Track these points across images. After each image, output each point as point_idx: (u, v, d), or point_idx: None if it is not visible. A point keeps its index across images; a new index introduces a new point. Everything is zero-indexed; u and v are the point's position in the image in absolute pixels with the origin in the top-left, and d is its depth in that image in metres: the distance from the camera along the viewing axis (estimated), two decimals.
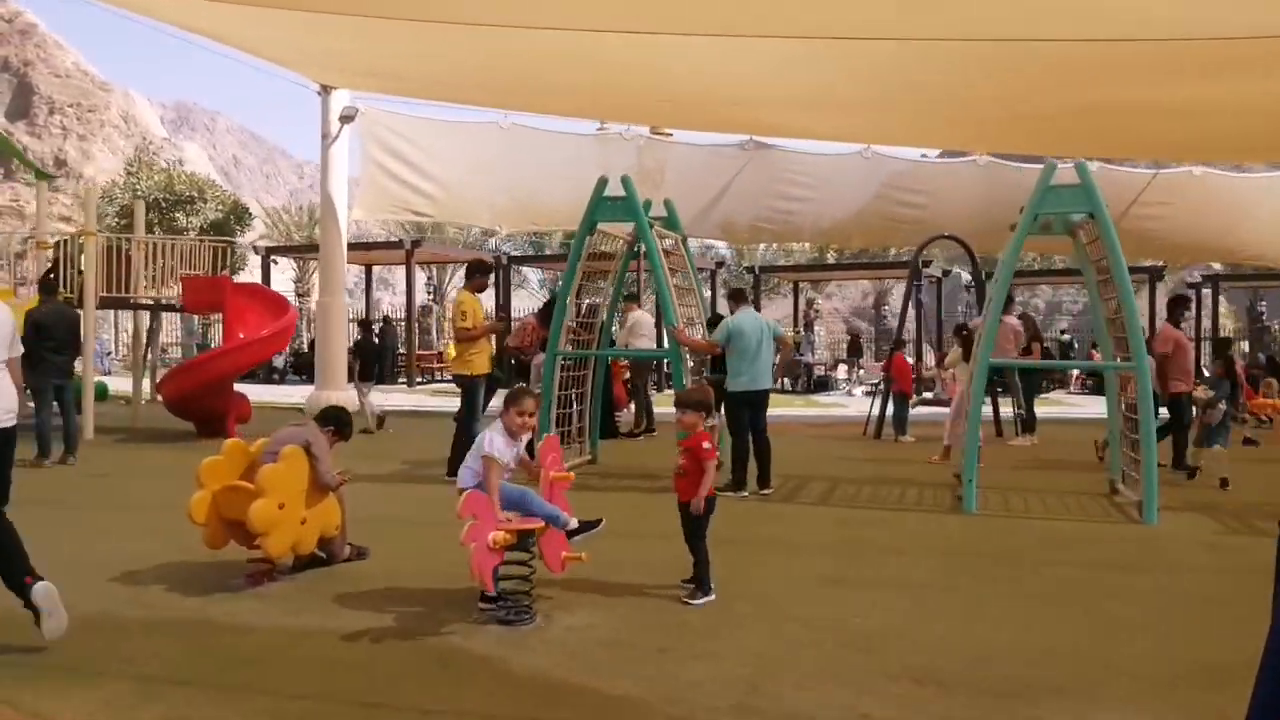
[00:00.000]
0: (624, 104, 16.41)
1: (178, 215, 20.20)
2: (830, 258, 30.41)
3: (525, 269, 28.09)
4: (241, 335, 11.70)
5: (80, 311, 10.02)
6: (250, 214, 23.39)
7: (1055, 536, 6.89)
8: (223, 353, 11.57)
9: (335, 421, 5.70)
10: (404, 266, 22.83)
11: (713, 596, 4.94)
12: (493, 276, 26.63)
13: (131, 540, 6.39)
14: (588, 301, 10.15)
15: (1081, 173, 7.51)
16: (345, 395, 15.95)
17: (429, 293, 27.54)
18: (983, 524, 7.29)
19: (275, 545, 5.16)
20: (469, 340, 8.58)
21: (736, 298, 8.72)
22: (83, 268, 11.29)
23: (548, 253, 27.83)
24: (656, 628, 4.58)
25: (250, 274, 22.40)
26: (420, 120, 17.20)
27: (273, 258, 21.59)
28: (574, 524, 4.88)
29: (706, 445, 4.98)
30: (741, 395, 8.16)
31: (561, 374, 9.28)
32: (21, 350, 4.89)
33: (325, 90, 16.30)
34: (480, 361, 8.64)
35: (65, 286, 11.45)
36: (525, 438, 4.95)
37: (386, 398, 18.89)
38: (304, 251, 22.79)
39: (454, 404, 17.92)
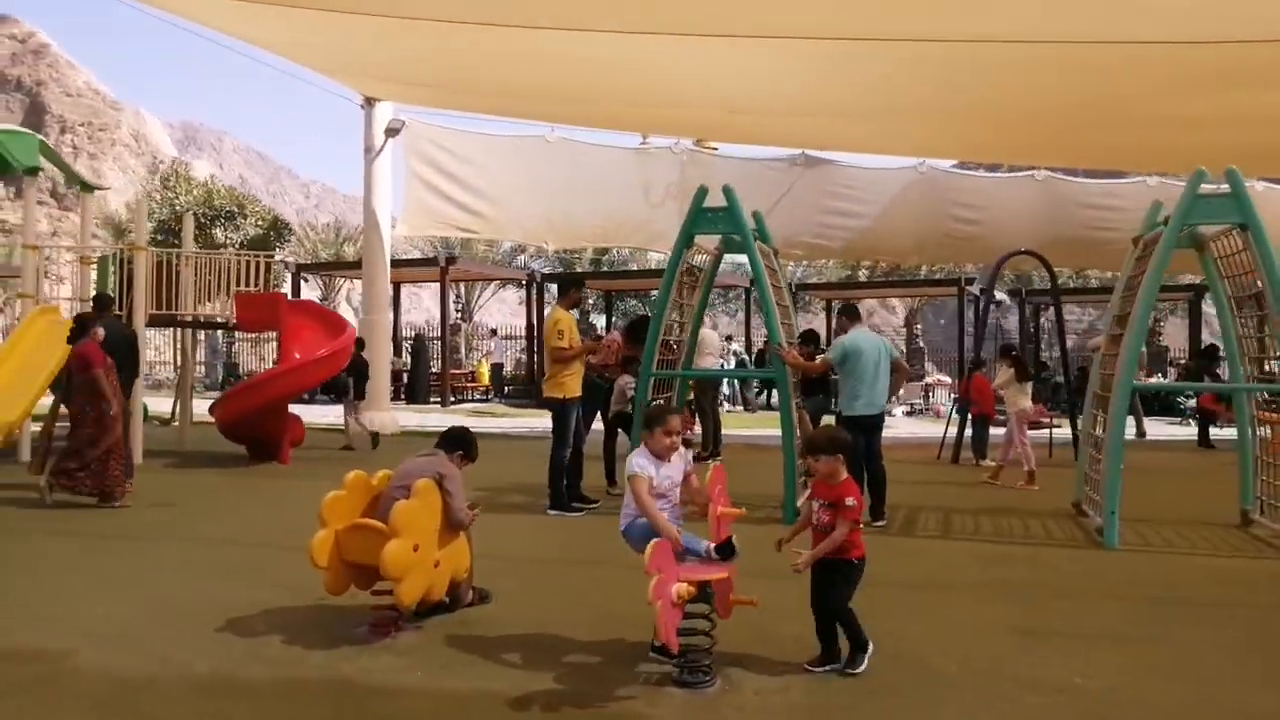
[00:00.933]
0: (669, 116, 16.01)
1: (216, 230, 19.69)
2: (861, 275, 29.88)
3: (554, 287, 27.60)
4: (297, 355, 11.18)
5: (135, 331, 9.50)
6: (290, 230, 22.82)
7: (1216, 574, 6.35)
8: (280, 374, 11.04)
9: (462, 444, 5.16)
10: (433, 284, 22.33)
11: (871, 649, 4.28)
12: (524, 294, 26.33)
13: (224, 581, 5.85)
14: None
15: (1233, 180, 6.98)
16: (388, 416, 15.48)
17: (457, 311, 27.01)
18: (1132, 560, 6.74)
19: (409, 592, 4.61)
20: (564, 361, 8.05)
21: (850, 315, 8.17)
22: (106, 283, 10.84)
23: (578, 270, 27.41)
24: (860, 690, 4.03)
25: (280, 291, 21.86)
26: (465, 134, 16.78)
27: (303, 275, 21.11)
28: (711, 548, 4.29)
29: (851, 501, 4.18)
30: (858, 420, 7.61)
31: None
32: None
33: (369, 103, 15.89)
34: (574, 384, 8.11)
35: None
36: (678, 462, 4.41)
37: (424, 418, 18.41)
38: (336, 268, 22.29)
39: (495, 424, 17.57)
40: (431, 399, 22.29)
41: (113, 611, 5.15)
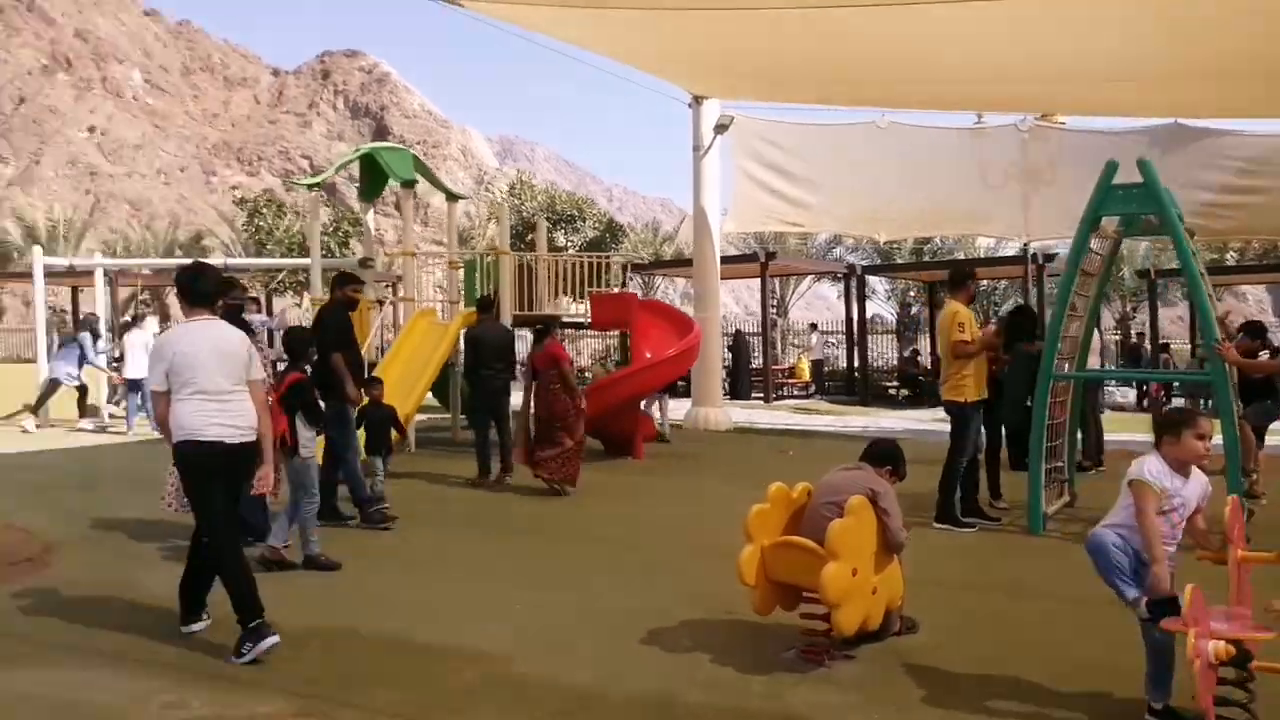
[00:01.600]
0: (1008, 92, 14.72)
1: (557, 234, 20.75)
2: (1230, 258, 26.30)
3: (875, 281, 26.65)
4: (648, 354, 11.30)
5: (514, 331, 9.94)
6: (625, 232, 23.75)
7: None
8: (633, 373, 11.19)
9: (892, 459, 4.71)
10: (738, 280, 22.18)
11: None
12: (841, 288, 25.61)
13: (632, 587, 5.78)
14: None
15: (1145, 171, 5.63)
16: (720, 413, 15.42)
17: (772, 307, 26.76)
18: None
19: (848, 619, 4.23)
20: (965, 357, 7.37)
21: None
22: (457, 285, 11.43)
23: (897, 260, 26.30)
24: None
25: (632, 291, 22.49)
26: (793, 126, 16.37)
27: (630, 274, 21.73)
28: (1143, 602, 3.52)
29: None
30: None
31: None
32: (262, 375, 4.78)
33: (697, 101, 15.88)
34: (974, 385, 7.41)
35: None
36: (1195, 483, 3.66)
37: (750, 414, 18.25)
38: (668, 267, 22.73)
39: (822, 422, 17.02)
40: (753, 395, 22.15)
41: (533, 613, 5.19)
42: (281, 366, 6.83)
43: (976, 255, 26.70)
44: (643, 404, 11.63)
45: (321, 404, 6.01)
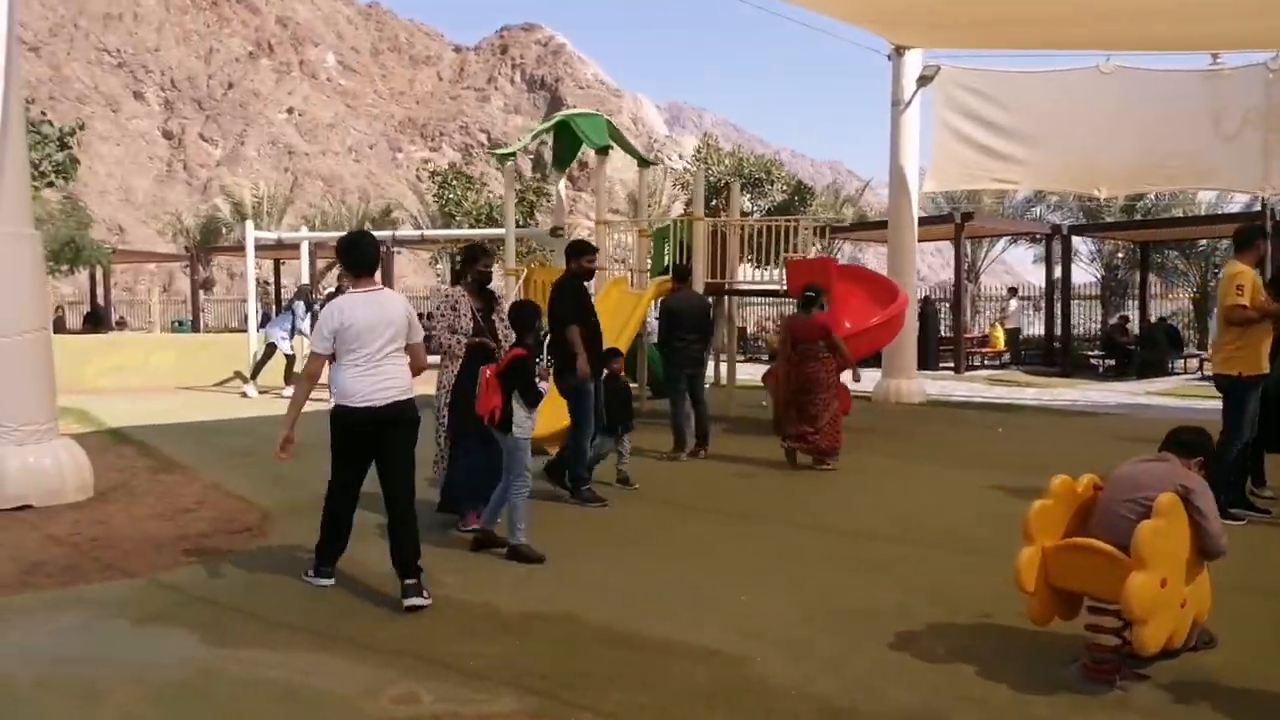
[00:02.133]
0: (1248, 29, 13.03)
1: (744, 198, 20.16)
2: None
3: (1077, 240, 24.59)
4: (848, 324, 10.61)
5: (710, 299, 9.50)
6: (813, 194, 22.86)
7: None
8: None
9: (1204, 450, 3.98)
10: (951, 241, 20.91)
11: None
12: (1043, 251, 23.83)
13: (867, 579, 5.26)
14: None
15: None
16: (915, 384, 14.54)
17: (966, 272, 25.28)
18: None
19: (1154, 637, 3.59)
20: (1241, 324, 6.41)
21: None
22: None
23: (1107, 219, 24.20)
24: None
25: (831, 256, 21.59)
26: (1002, 74, 15.13)
27: (814, 239, 20.72)
28: None
29: None
30: None
31: None
32: (422, 335, 5.04)
33: (898, 52, 14.89)
34: (1252, 358, 6.44)
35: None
36: None
37: (942, 385, 17.24)
38: (860, 230, 21.69)
39: (1016, 396, 15.81)
40: (940, 365, 20.98)
41: (758, 606, 4.76)
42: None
43: (1196, 213, 24.31)
44: None
45: (545, 384, 5.74)
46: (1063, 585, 3.88)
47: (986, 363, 22.17)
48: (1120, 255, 25.09)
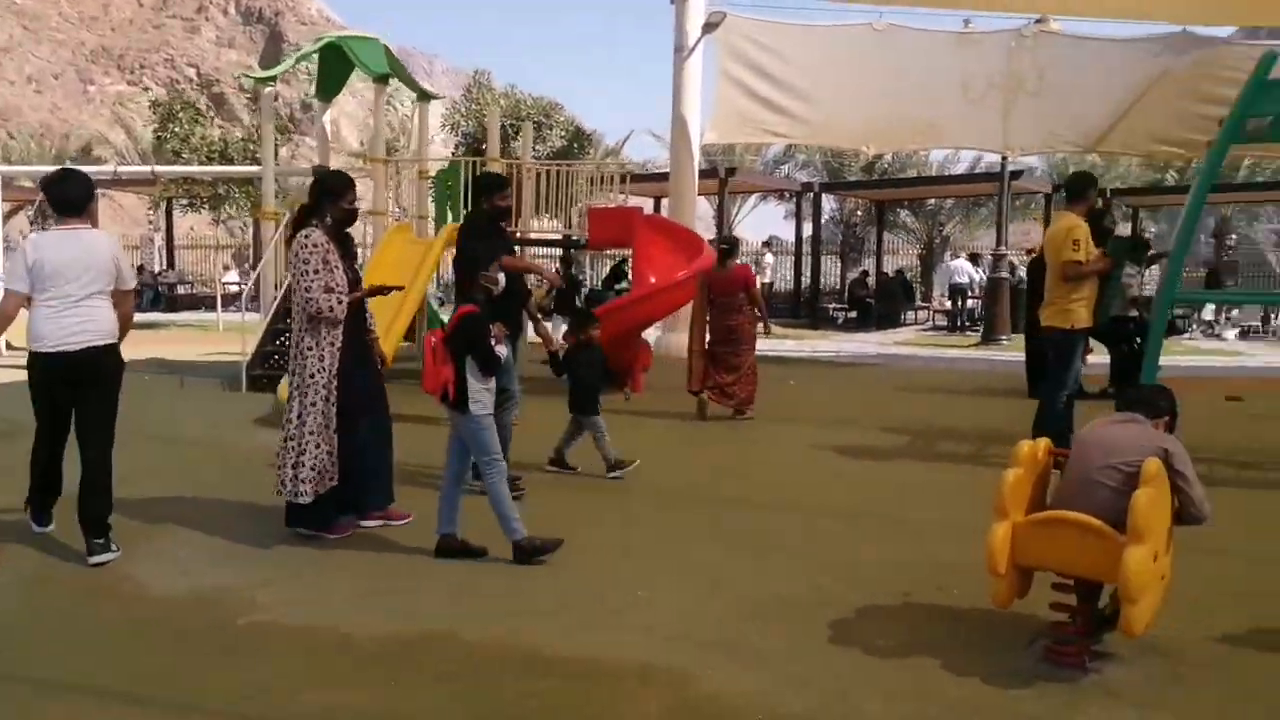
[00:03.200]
0: None
1: (518, 142, 18.91)
2: (1170, 178, 26.11)
3: (830, 200, 25.60)
4: (653, 279, 10.07)
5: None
6: (592, 140, 21.93)
7: None
8: (635, 300, 9.95)
9: (1172, 409, 3.70)
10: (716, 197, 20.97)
11: None
12: (793, 207, 24.55)
13: (766, 561, 4.69)
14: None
15: None
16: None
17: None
18: None
19: (1142, 617, 3.25)
20: (1077, 279, 6.40)
21: None
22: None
23: (849, 179, 25.29)
24: None
25: (635, 206, 20.50)
26: (782, 26, 15.04)
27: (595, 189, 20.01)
28: None
29: None
30: None
31: None
32: (134, 284, 4.90)
33: None
34: (1084, 311, 6.47)
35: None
36: None
37: None
38: (645, 181, 21.06)
39: (777, 348, 16.11)
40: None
41: (667, 604, 4.08)
42: None
43: (929, 173, 25.99)
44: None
45: (502, 348, 4.62)
46: (1034, 563, 3.48)
47: None
48: (859, 213, 26.40)
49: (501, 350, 4.57)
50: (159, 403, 9.21)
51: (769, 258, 23.69)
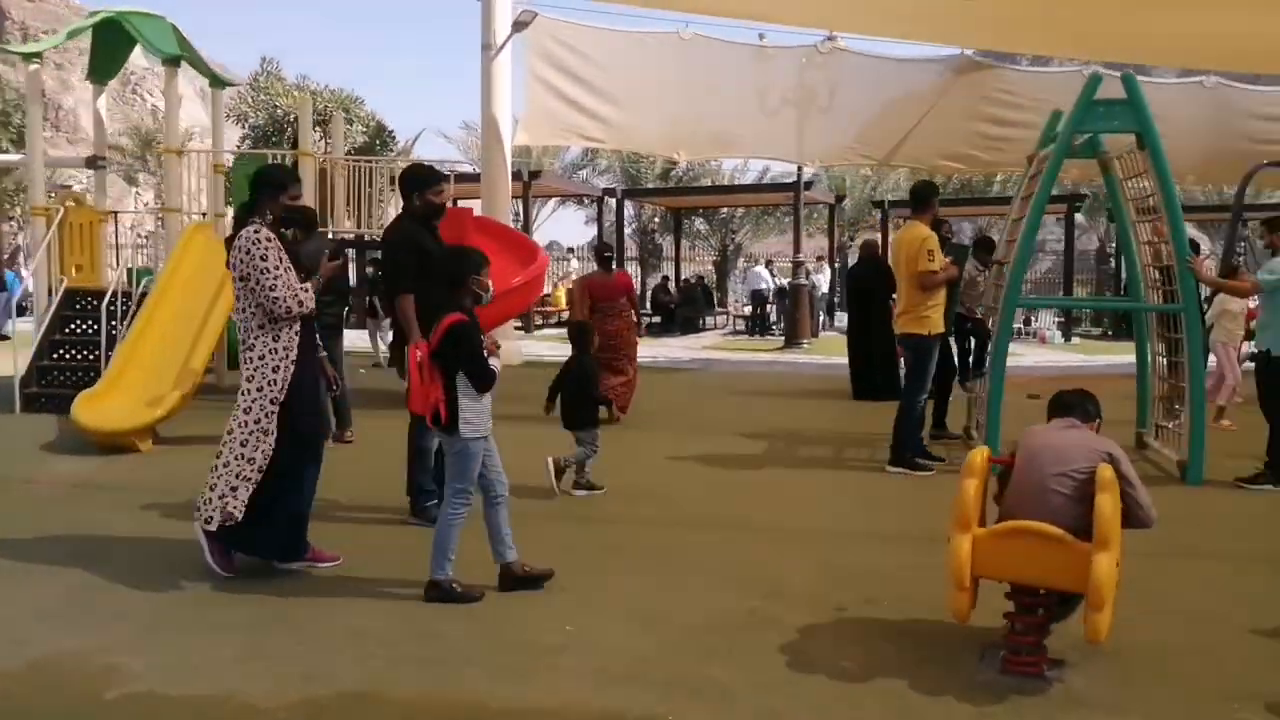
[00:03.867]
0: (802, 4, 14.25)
1: (315, 135, 17.48)
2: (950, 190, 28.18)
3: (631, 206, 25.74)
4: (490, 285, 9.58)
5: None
6: (394, 137, 20.60)
7: None
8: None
9: (1099, 412, 3.78)
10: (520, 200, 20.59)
11: None
12: (595, 212, 24.52)
13: (681, 582, 4.44)
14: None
15: (1129, 86, 6.56)
16: (512, 346, 13.97)
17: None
18: None
19: (1106, 621, 3.28)
20: (932, 288, 6.60)
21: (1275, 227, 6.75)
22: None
23: (648, 185, 25.57)
24: None
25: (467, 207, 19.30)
26: (590, 30, 14.91)
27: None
28: None
29: None
30: None
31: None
32: None
33: None
34: (939, 318, 6.69)
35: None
36: None
37: (518, 344, 16.90)
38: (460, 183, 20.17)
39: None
40: (513, 325, 20.68)
41: (602, 635, 3.76)
42: None
43: (722, 182, 26.76)
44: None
45: (496, 360, 4.15)
46: (995, 575, 3.45)
47: (549, 321, 22.39)
48: (656, 220, 26.81)
49: (495, 364, 4.10)
50: None
51: (573, 263, 23.58)
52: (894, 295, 7.62)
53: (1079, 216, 24.55)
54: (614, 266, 9.33)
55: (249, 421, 4.26)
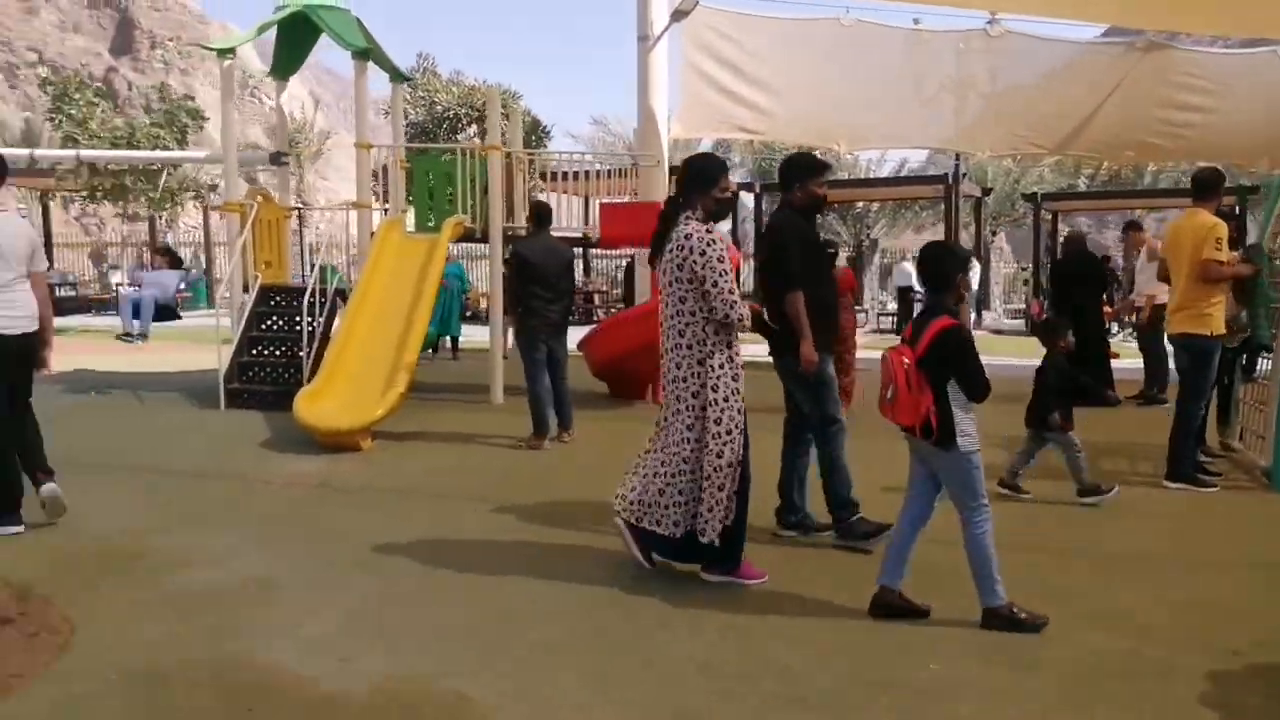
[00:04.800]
0: None
1: (458, 135, 17.47)
2: (1082, 184, 26.97)
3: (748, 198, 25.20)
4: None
5: (574, 250, 7.61)
6: (549, 133, 20.53)
7: None
8: (654, 310, 9.09)
9: None
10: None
11: None
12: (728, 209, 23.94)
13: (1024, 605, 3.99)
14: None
15: None
16: None
17: None
18: None
19: None
20: (1216, 281, 5.95)
21: None
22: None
23: (770, 182, 24.98)
24: None
25: (656, 201, 19.07)
26: (748, 18, 14.48)
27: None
28: None
29: None
30: None
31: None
32: (45, 265, 5.10)
33: None
34: (1220, 316, 6.02)
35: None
36: None
37: None
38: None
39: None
40: None
41: (980, 674, 3.33)
42: None
43: (860, 175, 25.98)
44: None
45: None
46: None
47: None
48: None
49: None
50: (135, 427, 7.88)
51: None
52: (1106, 288, 6.98)
53: None
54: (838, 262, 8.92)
55: (721, 433, 4.06)
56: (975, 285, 21.19)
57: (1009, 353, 14.05)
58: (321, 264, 9.36)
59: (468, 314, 15.48)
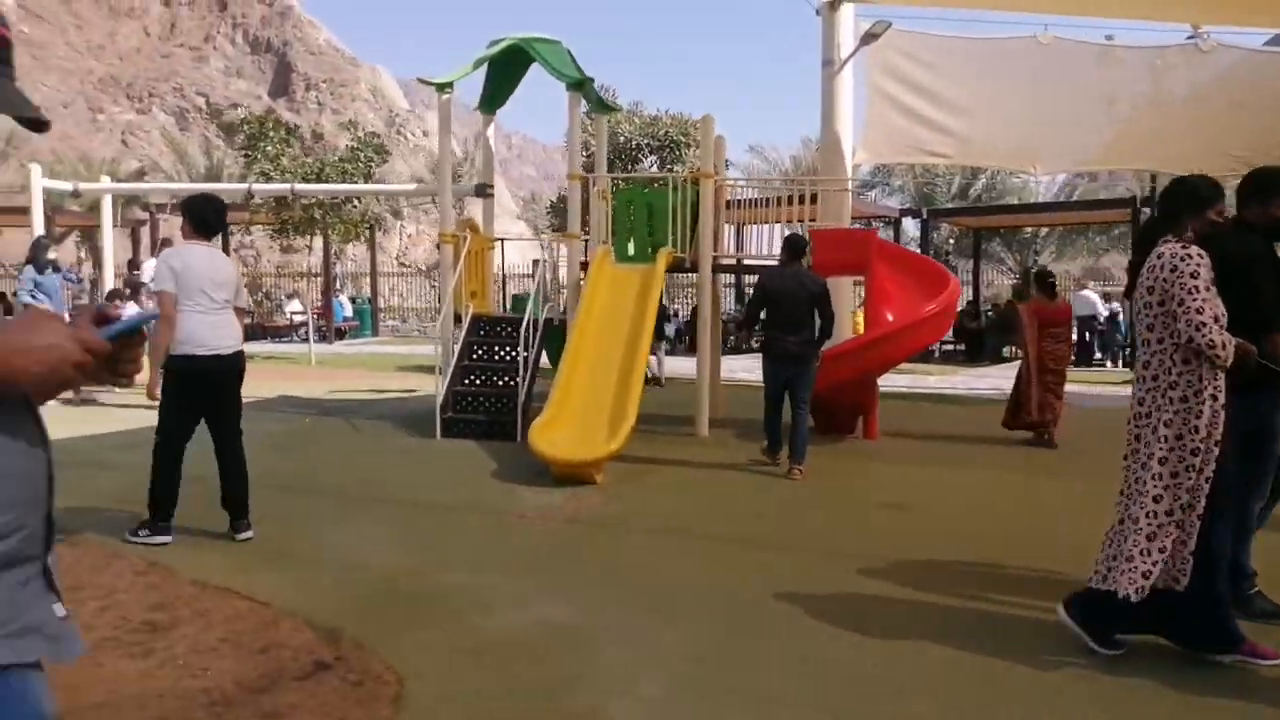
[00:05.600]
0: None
1: (639, 164, 17.53)
2: None
3: (909, 223, 24.42)
4: (890, 316, 8.84)
5: (825, 280, 7.29)
6: (728, 163, 20.49)
7: None
8: (878, 339, 8.69)
9: None
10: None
11: None
12: (893, 234, 23.38)
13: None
14: None
15: None
16: None
17: None
18: None
19: None
20: None
21: None
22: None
23: (943, 204, 24.12)
24: None
25: (873, 229, 18.72)
26: (938, 39, 13.98)
27: None
28: None
29: None
30: None
31: None
32: (246, 302, 5.82)
33: (830, 6, 13.34)
34: None
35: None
36: None
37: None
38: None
39: (923, 384, 14.86)
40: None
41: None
42: None
43: (1025, 201, 24.89)
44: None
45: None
46: None
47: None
48: (951, 241, 25.31)
49: None
50: (365, 455, 7.92)
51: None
52: None
53: None
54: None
55: (1164, 473, 3.56)
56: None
57: None
58: (515, 294, 9.36)
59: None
